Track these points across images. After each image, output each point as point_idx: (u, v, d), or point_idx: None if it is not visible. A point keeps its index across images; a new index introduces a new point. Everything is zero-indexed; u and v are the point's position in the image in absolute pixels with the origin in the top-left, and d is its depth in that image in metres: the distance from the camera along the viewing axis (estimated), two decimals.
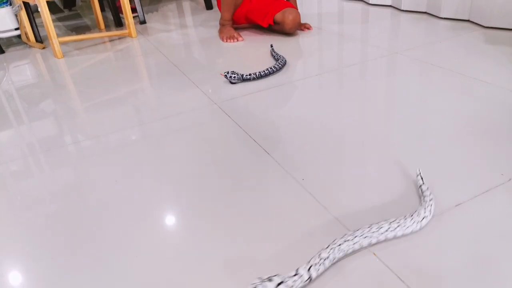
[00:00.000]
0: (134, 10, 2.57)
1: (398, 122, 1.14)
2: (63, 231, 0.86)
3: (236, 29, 2.11)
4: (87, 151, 1.17)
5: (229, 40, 1.99)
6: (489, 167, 0.91)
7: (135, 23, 2.38)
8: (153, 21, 2.60)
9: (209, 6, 2.69)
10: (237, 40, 1.98)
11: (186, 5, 2.96)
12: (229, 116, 1.26)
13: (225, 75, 1.47)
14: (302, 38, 1.94)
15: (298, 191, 0.89)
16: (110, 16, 2.80)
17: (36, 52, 2.22)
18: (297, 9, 1.99)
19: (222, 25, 2.07)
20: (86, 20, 2.84)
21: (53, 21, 2.89)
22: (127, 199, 0.94)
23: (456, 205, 0.81)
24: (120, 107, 1.43)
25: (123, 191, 0.97)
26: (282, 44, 1.85)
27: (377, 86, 1.37)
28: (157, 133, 1.22)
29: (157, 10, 2.90)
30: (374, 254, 0.72)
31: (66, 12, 3.18)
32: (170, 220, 0.87)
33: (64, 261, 0.78)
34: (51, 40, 2.01)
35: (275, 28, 1.99)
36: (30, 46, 2.32)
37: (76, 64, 1.95)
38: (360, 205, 0.84)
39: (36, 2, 1.96)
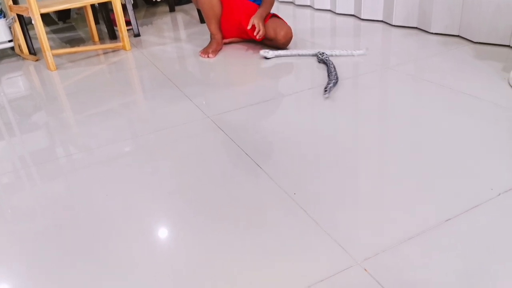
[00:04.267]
0: (128, 23, 2.58)
1: (390, 136, 1.15)
2: (55, 245, 0.86)
3: (230, 42, 2.12)
4: (79, 164, 1.17)
5: (202, 55, 2.00)
6: (479, 181, 0.92)
7: (129, 36, 2.39)
8: (147, 34, 2.61)
9: (203, 20, 2.71)
10: (208, 57, 1.97)
11: (180, 19, 2.98)
12: (222, 130, 1.26)
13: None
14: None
15: (290, 205, 0.90)
16: (104, 28, 2.81)
17: (29, 64, 2.22)
18: (286, 23, 1.97)
19: (210, 39, 2.08)
20: (80, 33, 2.85)
21: (47, 33, 2.90)
22: (120, 213, 0.93)
23: (446, 220, 0.81)
24: (113, 120, 1.43)
25: (115, 205, 0.97)
26: (272, 58, 1.86)
27: (369, 100, 1.38)
28: (150, 146, 1.22)
29: (151, 23, 2.92)
30: (365, 269, 0.72)
31: (60, 24, 3.19)
32: (163, 233, 0.87)
33: (57, 276, 0.78)
34: (45, 52, 2.02)
35: (267, 42, 2.00)
36: (24, 58, 2.32)
37: (69, 76, 1.95)
38: (350, 218, 0.84)
39: (30, 15, 1.96)
